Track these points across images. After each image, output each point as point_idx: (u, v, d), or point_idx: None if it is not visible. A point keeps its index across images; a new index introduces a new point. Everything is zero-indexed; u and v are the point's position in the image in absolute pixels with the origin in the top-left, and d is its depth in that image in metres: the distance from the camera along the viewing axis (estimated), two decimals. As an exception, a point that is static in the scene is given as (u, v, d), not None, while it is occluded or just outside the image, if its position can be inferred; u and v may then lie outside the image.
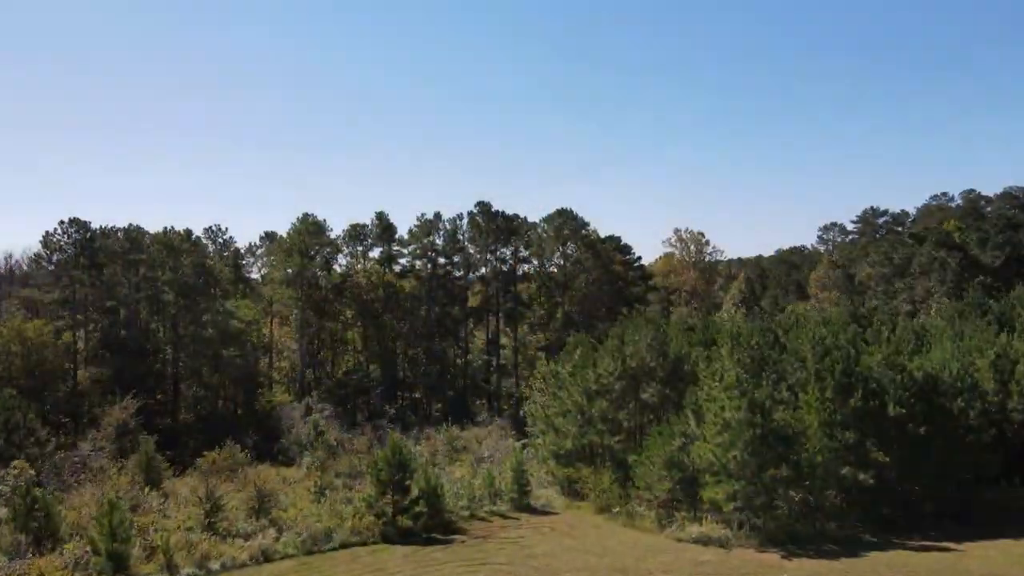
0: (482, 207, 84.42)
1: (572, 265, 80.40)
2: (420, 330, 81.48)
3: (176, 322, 62.44)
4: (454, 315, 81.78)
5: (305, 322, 72.38)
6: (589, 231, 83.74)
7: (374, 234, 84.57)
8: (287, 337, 77.22)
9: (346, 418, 69.53)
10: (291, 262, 69.97)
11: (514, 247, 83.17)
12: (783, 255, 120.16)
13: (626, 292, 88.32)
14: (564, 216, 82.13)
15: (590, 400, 39.20)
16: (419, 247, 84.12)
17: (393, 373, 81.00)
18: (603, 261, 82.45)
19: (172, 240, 62.92)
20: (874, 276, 74.50)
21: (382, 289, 77.58)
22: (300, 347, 71.29)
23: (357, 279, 77.81)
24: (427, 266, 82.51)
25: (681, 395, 36.58)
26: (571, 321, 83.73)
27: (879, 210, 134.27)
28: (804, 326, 35.95)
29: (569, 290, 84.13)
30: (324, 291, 72.42)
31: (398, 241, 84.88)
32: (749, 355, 33.28)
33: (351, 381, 75.81)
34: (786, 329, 40.19)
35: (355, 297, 77.41)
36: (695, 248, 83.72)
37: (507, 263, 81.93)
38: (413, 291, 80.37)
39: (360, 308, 78.14)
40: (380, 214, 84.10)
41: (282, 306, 73.94)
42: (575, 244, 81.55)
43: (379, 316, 78.63)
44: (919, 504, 30.01)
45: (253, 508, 34.64)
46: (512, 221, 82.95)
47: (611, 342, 39.63)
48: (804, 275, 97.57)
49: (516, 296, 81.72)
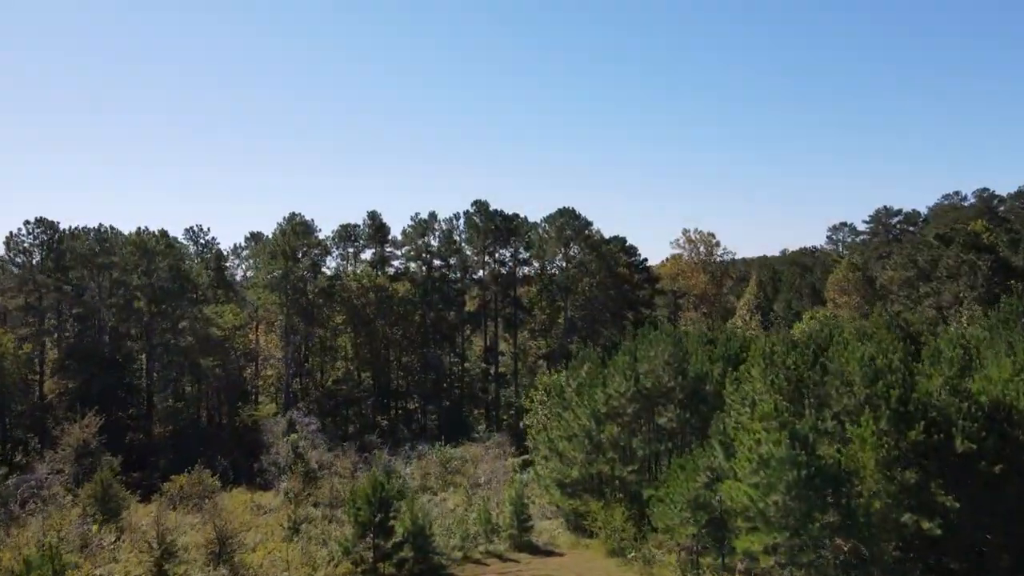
0: (479, 206, 79.90)
1: (575, 268, 75.78)
2: (414, 336, 76.97)
3: (150, 330, 57.87)
4: (450, 320, 77.26)
5: (291, 329, 67.81)
6: (593, 231, 79.17)
7: (366, 235, 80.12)
8: (273, 344, 72.63)
9: (335, 431, 65.10)
10: (275, 265, 65.37)
11: (514, 248, 78.64)
12: (794, 256, 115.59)
13: (632, 296, 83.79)
14: (566, 216, 77.53)
15: (599, 424, 34.64)
16: (413, 248, 79.64)
17: (386, 382, 76.50)
18: (608, 263, 77.86)
19: (146, 242, 58.35)
20: (897, 280, 69.88)
21: (373, 293, 72.99)
22: (285, 356, 66.73)
23: (347, 282, 73.22)
24: (422, 269, 77.96)
25: (704, 421, 32.04)
26: (574, 327, 79.20)
27: (892, 209, 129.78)
28: (847, 342, 31.29)
29: (572, 294, 79.57)
30: (311, 296, 67.78)
31: (391, 242, 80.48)
32: (785, 377, 28.71)
33: (340, 391, 71.27)
34: (822, 344, 35.59)
35: (345, 302, 72.85)
36: (705, 250, 79.11)
37: (506, 265, 77.41)
38: (407, 295, 75.81)
39: (350, 313, 73.58)
40: (372, 213, 79.72)
41: (267, 312, 69.33)
42: (578, 245, 76.96)
43: (371, 322, 74.08)
44: (993, 556, 25.46)
45: (213, 552, 30.10)
46: (511, 221, 78.39)
47: (622, 358, 35.05)
48: (817, 277, 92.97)
49: (516, 300, 77.17)
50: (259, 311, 69.28)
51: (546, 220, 78.96)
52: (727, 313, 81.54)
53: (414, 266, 78.71)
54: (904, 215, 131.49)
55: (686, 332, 43.54)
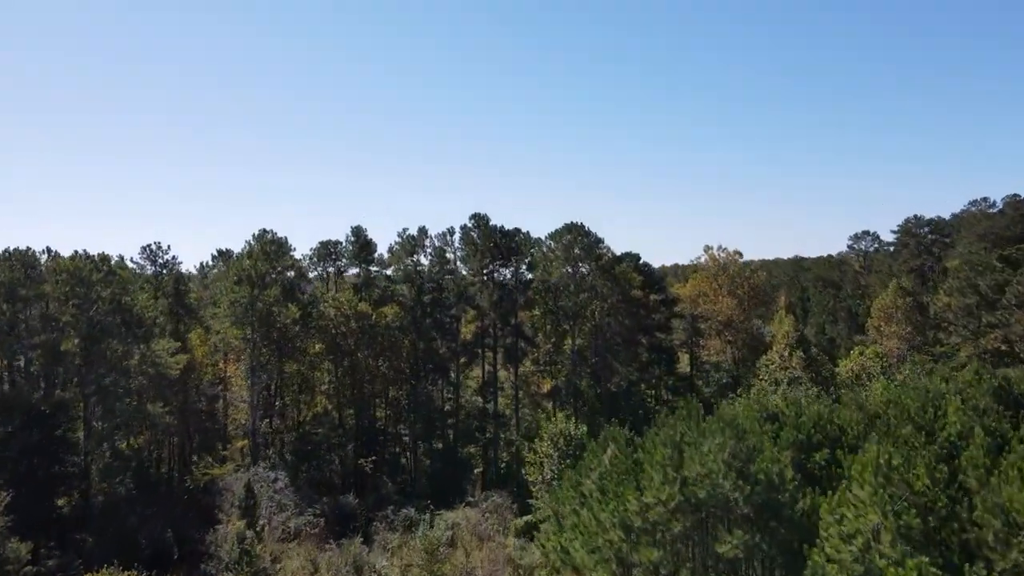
0: (478, 220, 70.97)
1: (587, 292, 66.74)
2: (402, 369, 68.04)
3: (84, 373, 48.91)
4: (443, 352, 68.26)
5: (259, 365, 58.79)
6: (603, 249, 70.17)
7: (349, 253, 71.17)
8: (242, 379, 63.63)
9: (309, 484, 56.23)
10: (240, 292, 56.33)
11: (515, 268, 69.65)
12: (818, 270, 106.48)
13: (646, 320, 74.79)
14: (574, 232, 68.48)
15: (630, 537, 25.67)
16: (401, 269, 70.70)
17: (370, 421, 67.56)
18: (621, 286, 68.85)
19: (81, 269, 49.34)
20: (955, 307, 60.89)
21: (355, 321, 63.99)
22: (252, 397, 57.67)
23: (325, 309, 64.23)
24: (412, 291, 68.94)
25: (782, 549, 23.09)
26: (583, 358, 70.21)
27: (922, 219, 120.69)
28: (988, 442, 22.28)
29: (580, 319, 70.60)
30: (283, 326, 58.75)
31: (377, 261, 71.56)
32: (910, 502, 19.76)
33: (317, 434, 62.25)
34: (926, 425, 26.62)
35: (322, 330, 63.90)
36: (733, 270, 70.06)
37: (506, 288, 68.35)
38: (395, 320, 66.90)
39: (329, 344, 64.62)
40: (356, 229, 70.81)
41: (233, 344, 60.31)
42: (588, 265, 67.89)
43: (352, 353, 65.14)
44: None
45: None
46: (512, 238, 69.39)
47: (661, 451, 25.99)
48: (851, 297, 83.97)
49: (517, 328, 68.13)
50: (222, 343, 60.21)
51: (551, 237, 69.95)
52: (754, 340, 72.53)
53: (404, 289, 69.71)
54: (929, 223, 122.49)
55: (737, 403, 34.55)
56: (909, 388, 33.24)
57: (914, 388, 34.24)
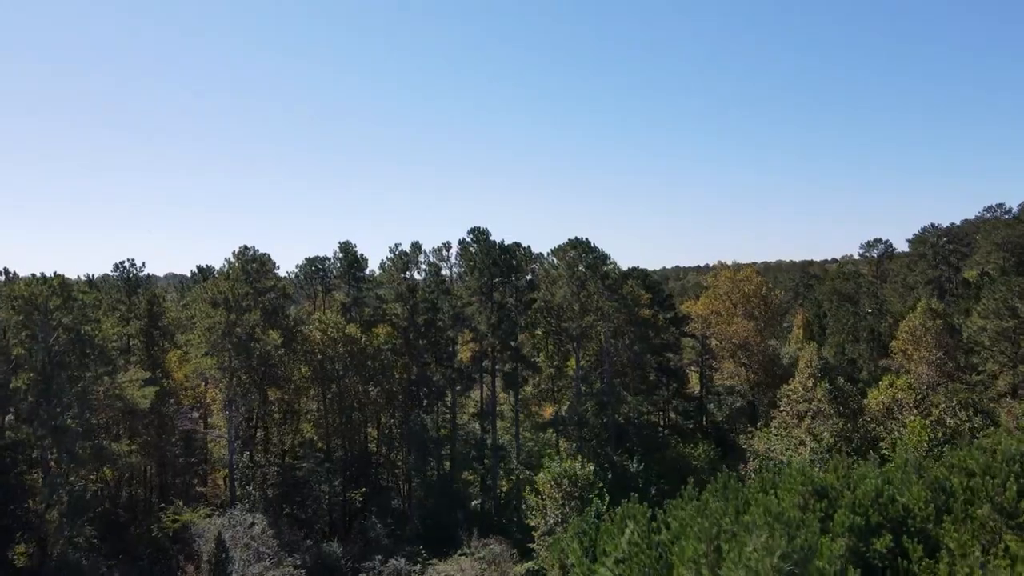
0: (477, 235, 66.38)
1: (593, 313, 62.16)
2: (395, 394, 63.44)
3: (41, 411, 44.29)
4: (437, 378, 63.65)
5: (238, 396, 54.19)
6: (610, 265, 65.57)
7: (337, 270, 66.58)
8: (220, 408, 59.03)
9: (291, 524, 51.72)
10: (216, 317, 51.75)
11: (515, 287, 65.01)
12: (835, 283, 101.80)
13: (654, 340, 70.28)
14: (579, 248, 63.97)
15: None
16: (394, 287, 66.11)
17: (359, 452, 62.96)
18: (628, 306, 64.30)
19: (37, 295, 44.71)
20: (992, 331, 56.33)
21: (342, 345, 59.41)
22: (229, 432, 53.07)
23: (311, 331, 59.67)
24: (404, 311, 64.27)
25: None
26: (588, 383, 65.68)
27: (939, 227, 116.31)
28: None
29: (586, 340, 66.11)
30: (264, 353, 54.14)
31: (367, 280, 66.97)
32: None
33: (301, 468, 57.60)
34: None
35: (308, 355, 59.35)
36: (748, 289, 65.39)
37: (506, 309, 63.75)
38: (387, 342, 62.38)
39: (315, 369, 60.06)
40: (345, 245, 66.18)
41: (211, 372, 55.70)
42: (594, 283, 63.25)
43: (340, 378, 60.59)
44: None
45: None
46: (513, 254, 64.77)
47: (693, 546, 21.40)
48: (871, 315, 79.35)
49: (518, 352, 63.50)
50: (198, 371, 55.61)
51: (554, 253, 65.46)
52: (770, 363, 67.94)
53: (395, 308, 65.08)
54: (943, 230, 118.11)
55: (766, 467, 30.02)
56: (973, 450, 28.62)
57: (979, 448, 29.62)
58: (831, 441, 49.32)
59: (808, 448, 50.13)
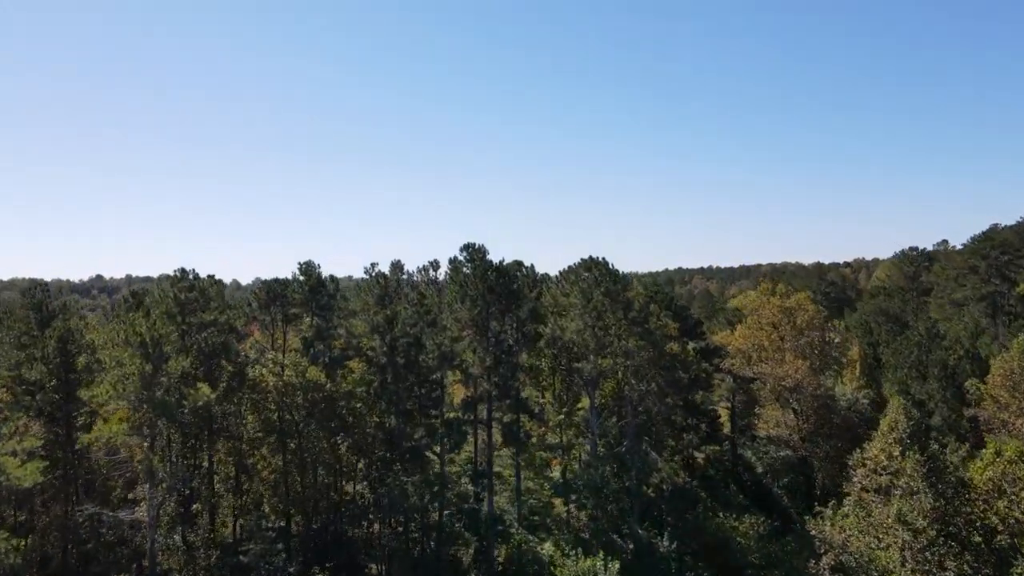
0: (471, 253, 54.68)
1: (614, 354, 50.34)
2: (369, 450, 51.68)
3: None
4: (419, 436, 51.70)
5: (164, 461, 42.39)
6: (633, 293, 53.75)
7: (300, 296, 54.69)
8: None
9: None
10: (132, 366, 39.90)
11: (517, 317, 53.14)
12: (880, 302, 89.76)
13: (682, 380, 58.42)
14: (595, 270, 52.14)
15: None
16: (369, 317, 54.20)
17: (322, 527, 51.01)
18: (655, 341, 52.46)
19: None
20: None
21: (303, 393, 47.69)
22: (148, 513, 41.16)
23: (262, 376, 47.97)
24: (381, 347, 52.39)
25: None
26: (603, 429, 53.86)
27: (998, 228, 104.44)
28: None
29: (604, 379, 54.45)
30: (196, 409, 42.30)
31: (338, 308, 55.10)
32: None
33: (248, 551, 45.77)
34: None
35: (258, 405, 47.69)
36: (803, 319, 53.37)
37: (505, 345, 51.89)
38: (360, 380, 50.81)
39: (266, 423, 48.34)
40: (307, 265, 54.30)
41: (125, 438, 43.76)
42: (613, 315, 51.37)
43: (299, 433, 48.90)
44: None
45: None
46: (513, 278, 52.87)
47: None
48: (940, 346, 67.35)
49: (519, 400, 51.66)
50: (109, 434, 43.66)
51: (564, 276, 53.74)
52: (825, 410, 56.00)
53: (373, 342, 53.19)
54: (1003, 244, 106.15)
55: None
56: None
57: None
58: (931, 535, 37.66)
59: (900, 540, 38.60)
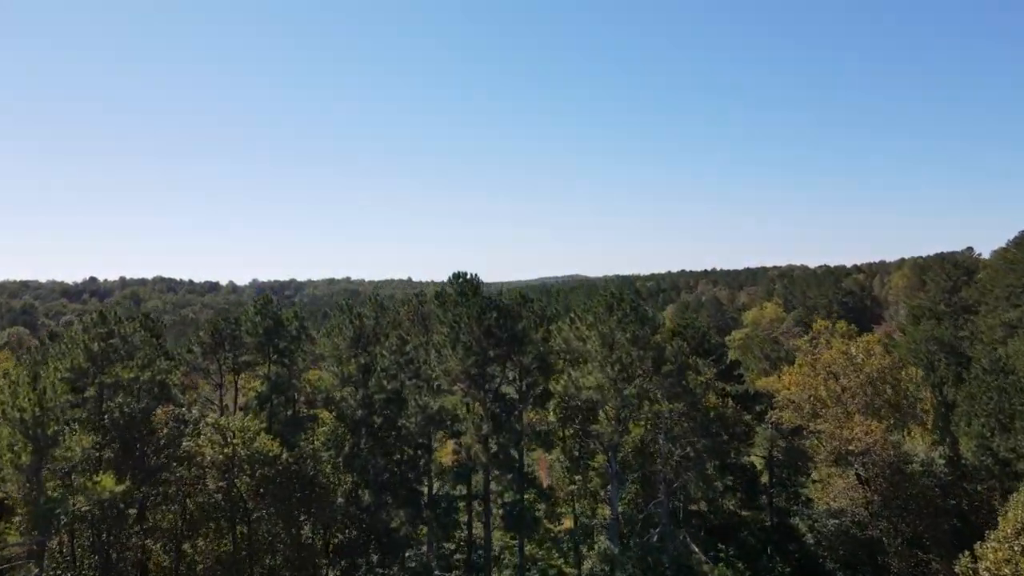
0: (463, 285, 44.61)
1: (645, 420, 40.11)
2: (340, 532, 41.44)
3: None
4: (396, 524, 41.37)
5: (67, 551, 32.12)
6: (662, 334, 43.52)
7: (253, 339, 44.49)
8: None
9: None
10: (5, 453, 29.63)
11: (521, 366, 42.81)
12: (931, 328, 79.34)
13: (724, 441, 48.09)
14: (619, 310, 41.72)
15: None
16: (339, 365, 43.88)
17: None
18: (693, 397, 42.16)
19: None
20: None
21: (251, 465, 37.52)
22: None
23: (196, 445, 37.78)
24: (353, 403, 42.05)
25: None
26: (628, 512, 43.60)
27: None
28: None
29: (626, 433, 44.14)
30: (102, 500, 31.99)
31: (302, 353, 44.93)
32: None
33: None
34: None
35: (189, 486, 37.50)
36: (874, 370, 43.15)
37: (506, 401, 41.59)
38: (324, 452, 40.65)
39: (203, 506, 38.11)
40: (263, 301, 44.11)
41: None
42: (641, 364, 40.99)
43: (249, 517, 38.69)
44: None
45: None
46: (516, 317, 42.55)
47: None
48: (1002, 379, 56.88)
49: (523, 475, 41.29)
50: None
51: (580, 316, 43.25)
52: (896, 473, 45.65)
53: (342, 396, 42.89)
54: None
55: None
56: None
57: None
58: None
59: None
